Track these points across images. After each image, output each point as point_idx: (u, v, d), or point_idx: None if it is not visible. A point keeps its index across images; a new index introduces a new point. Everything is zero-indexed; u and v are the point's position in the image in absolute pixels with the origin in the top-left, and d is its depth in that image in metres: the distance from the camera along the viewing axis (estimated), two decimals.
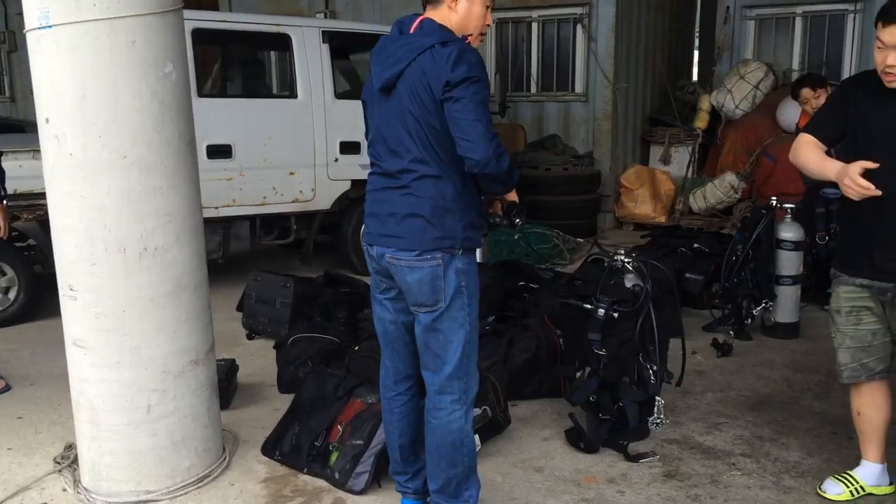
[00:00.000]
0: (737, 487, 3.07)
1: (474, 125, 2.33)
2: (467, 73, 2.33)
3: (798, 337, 4.89)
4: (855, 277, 2.80)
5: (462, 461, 2.61)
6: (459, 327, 2.52)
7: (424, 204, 2.46)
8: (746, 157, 8.15)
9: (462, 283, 2.50)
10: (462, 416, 2.58)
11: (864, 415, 2.95)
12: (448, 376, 2.55)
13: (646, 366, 3.28)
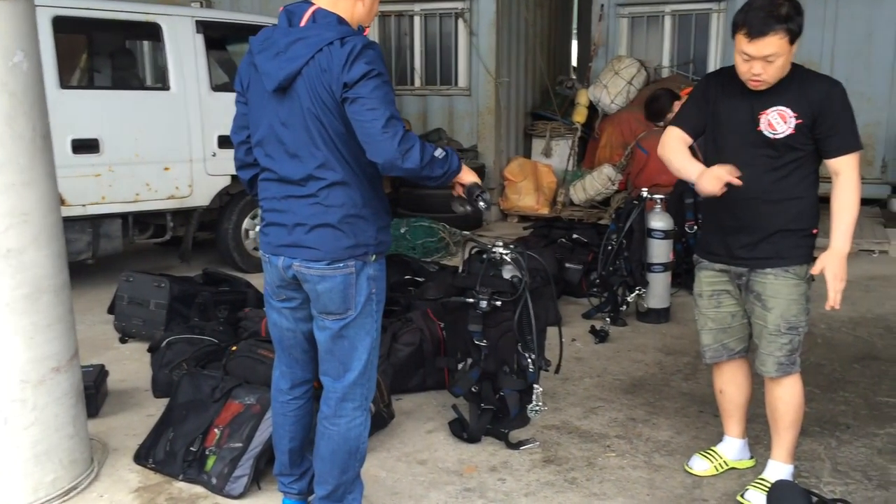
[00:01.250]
0: (611, 468, 3.20)
1: (373, 125, 2.19)
2: (364, 69, 2.20)
3: (669, 321, 5.14)
4: (714, 263, 2.96)
5: (354, 467, 2.58)
6: (367, 335, 2.48)
7: (335, 213, 2.35)
8: (622, 150, 8.46)
9: (372, 289, 2.45)
10: (362, 423, 2.55)
11: (726, 393, 3.13)
12: (351, 384, 2.50)
13: (525, 355, 3.36)
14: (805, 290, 2.80)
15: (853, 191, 2.66)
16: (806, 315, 2.82)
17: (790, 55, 2.62)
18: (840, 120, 2.67)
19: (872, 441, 3.41)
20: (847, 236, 2.66)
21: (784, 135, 2.69)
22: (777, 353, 2.82)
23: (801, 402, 2.91)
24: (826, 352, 4.51)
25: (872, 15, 8.21)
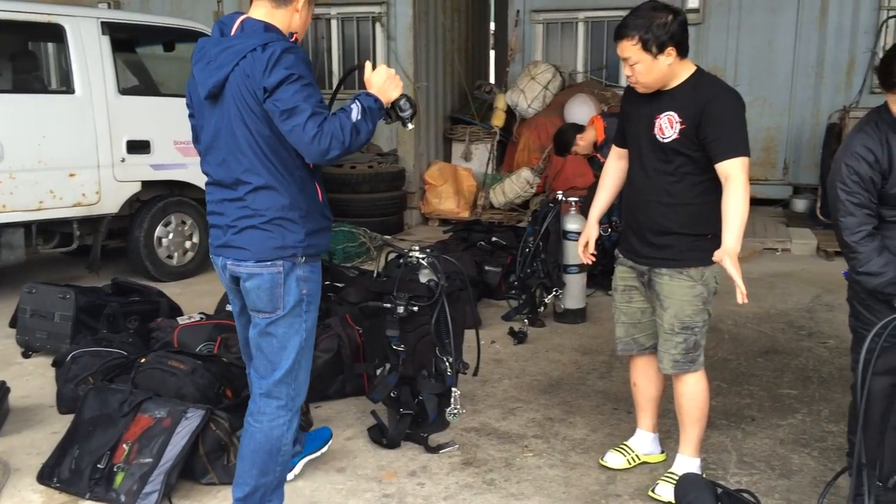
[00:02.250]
0: (529, 468, 3.24)
1: (295, 132, 2.28)
2: (283, 75, 2.27)
3: (586, 321, 5.25)
4: (626, 260, 3.06)
5: (274, 470, 2.59)
6: (295, 334, 2.52)
7: (261, 216, 2.43)
8: (539, 154, 8.61)
9: (303, 290, 2.49)
10: (285, 424, 2.57)
11: (639, 386, 3.23)
12: (277, 381, 2.54)
13: (442, 358, 3.37)
14: (701, 291, 2.87)
15: (741, 193, 2.70)
16: (702, 316, 2.90)
17: (655, 63, 2.72)
18: (725, 125, 2.72)
19: (775, 432, 3.57)
20: (737, 236, 2.70)
21: (671, 139, 2.79)
22: (672, 351, 2.92)
23: (705, 398, 3.01)
24: (732, 347, 4.70)
25: (772, 23, 8.61)
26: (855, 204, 2.64)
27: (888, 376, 2.46)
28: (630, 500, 3.00)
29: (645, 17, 2.71)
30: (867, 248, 2.63)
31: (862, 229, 2.64)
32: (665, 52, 2.71)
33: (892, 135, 2.61)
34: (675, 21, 2.73)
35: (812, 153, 8.46)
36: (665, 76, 2.78)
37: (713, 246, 2.78)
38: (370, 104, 2.41)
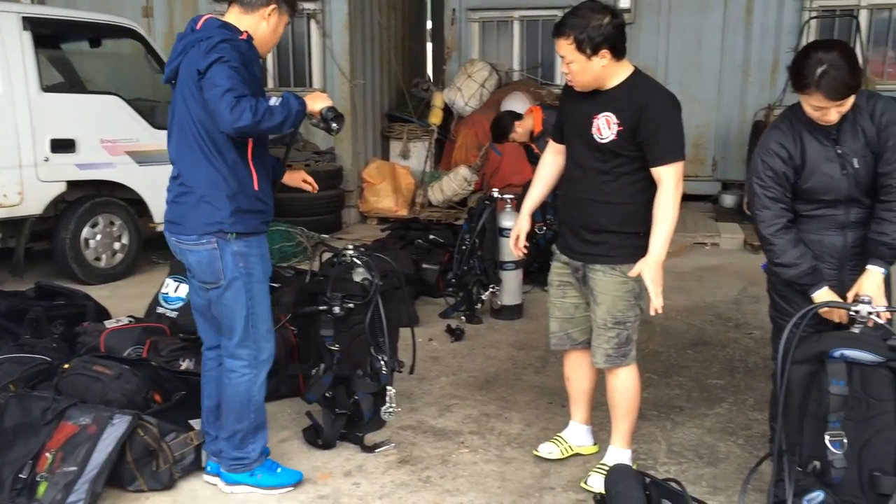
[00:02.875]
0: (464, 464, 3.26)
1: (213, 100, 2.57)
2: (214, 57, 2.58)
3: (522, 317, 5.31)
4: (561, 255, 3.11)
5: (248, 417, 2.93)
6: (241, 304, 2.82)
7: (192, 192, 2.74)
8: (477, 152, 8.67)
9: (240, 264, 2.77)
10: (250, 379, 2.91)
11: (572, 380, 3.28)
12: (236, 345, 2.87)
13: (378, 357, 3.36)
14: (633, 287, 2.93)
15: (672, 201, 2.79)
16: (634, 311, 2.98)
17: (589, 63, 2.76)
18: (661, 130, 2.78)
19: (703, 421, 3.67)
20: (663, 245, 2.79)
21: (608, 140, 2.83)
22: (605, 345, 2.98)
23: (636, 391, 3.08)
24: (663, 339, 4.81)
25: (700, 23, 8.84)
26: (770, 198, 2.74)
27: (806, 365, 2.55)
28: (563, 492, 3.04)
29: (582, 18, 2.75)
30: (782, 241, 2.72)
31: (776, 222, 2.74)
32: (599, 54, 2.75)
33: (805, 132, 2.71)
34: (610, 23, 2.76)
35: (739, 150, 8.72)
36: (599, 77, 2.82)
37: (645, 243, 2.85)
38: (292, 100, 2.69)
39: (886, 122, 2.62)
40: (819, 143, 2.69)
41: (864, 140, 2.66)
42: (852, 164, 2.67)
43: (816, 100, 2.57)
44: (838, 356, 2.50)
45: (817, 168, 2.69)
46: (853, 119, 2.65)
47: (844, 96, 2.56)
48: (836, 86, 2.52)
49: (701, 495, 2.96)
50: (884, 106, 2.65)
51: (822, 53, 2.55)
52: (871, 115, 2.65)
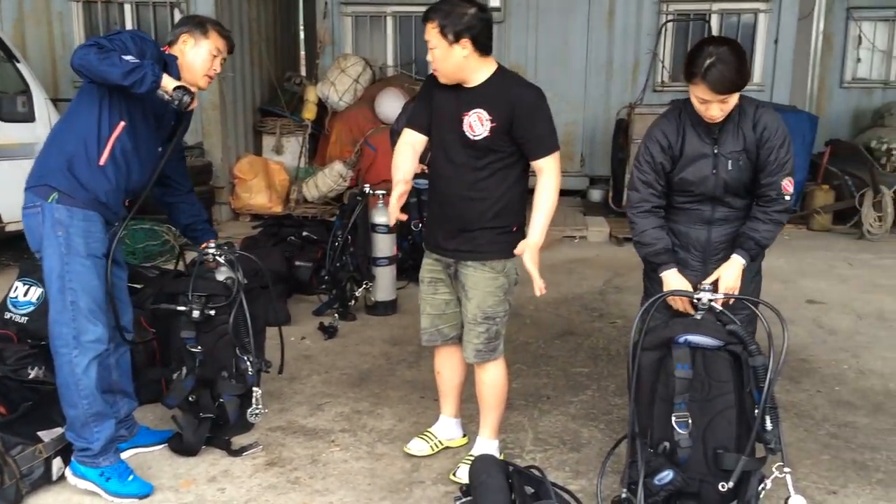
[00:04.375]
0: (335, 463, 3.24)
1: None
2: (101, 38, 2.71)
3: (396, 312, 5.32)
4: (431, 252, 3.13)
5: (80, 404, 2.82)
6: (57, 274, 2.75)
7: (45, 148, 2.87)
8: (352, 147, 8.60)
9: (59, 232, 2.73)
10: (71, 361, 2.79)
11: (442, 374, 3.32)
12: (53, 320, 2.80)
13: (243, 358, 3.28)
14: (503, 283, 3.00)
15: (551, 191, 2.88)
16: (503, 307, 3.04)
17: (451, 51, 2.78)
18: (537, 123, 2.86)
19: (568, 409, 3.81)
20: (541, 232, 2.89)
21: (481, 137, 2.86)
22: (475, 340, 3.04)
23: (504, 384, 3.16)
24: (533, 331, 4.95)
25: (566, 24, 9.14)
26: (642, 181, 2.91)
27: (654, 351, 2.69)
28: (433, 485, 3.08)
29: (449, 5, 2.79)
30: (645, 221, 2.90)
31: (643, 204, 2.91)
32: (460, 43, 2.78)
33: (689, 126, 2.86)
34: (475, 15, 2.79)
35: (605, 146, 9.08)
36: (461, 68, 2.84)
37: (517, 238, 2.94)
38: (149, 67, 2.65)
39: (766, 137, 2.77)
40: (700, 138, 2.84)
41: (742, 145, 2.81)
42: (725, 166, 2.82)
43: (702, 91, 2.71)
44: (683, 342, 2.65)
45: (691, 162, 2.85)
46: (737, 122, 2.80)
47: (728, 91, 2.68)
48: (720, 79, 2.65)
49: (564, 480, 3.08)
50: (767, 120, 2.79)
51: (714, 47, 2.69)
52: (754, 125, 2.80)
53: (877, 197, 7.32)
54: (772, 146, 2.78)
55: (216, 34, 2.99)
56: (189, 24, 3.01)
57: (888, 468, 3.21)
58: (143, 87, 2.64)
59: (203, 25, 2.99)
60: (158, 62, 2.79)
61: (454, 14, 2.77)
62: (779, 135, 2.79)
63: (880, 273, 6.30)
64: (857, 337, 4.81)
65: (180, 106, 2.74)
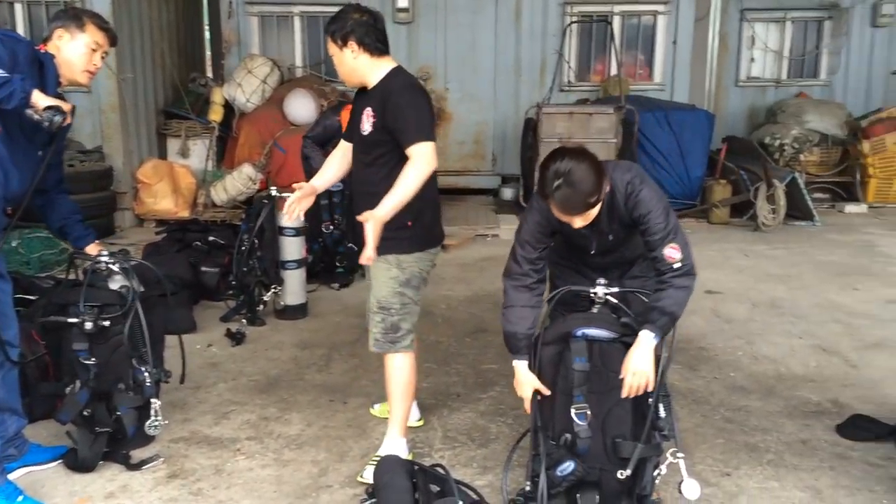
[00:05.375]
0: (240, 472, 3.17)
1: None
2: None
3: (307, 316, 5.25)
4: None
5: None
6: None
7: None
8: (261, 149, 8.45)
9: None
10: None
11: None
12: None
13: (140, 369, 3.17)
14: (396, 275, 3.06)
15: (411, 176, 2.84)
16: (398, 299, 3.07)
17: (342, 55, 2.94)
18: (404, 115, 2.90)
19: (477, 405, 3.84)
20: (389, 207, 2.82)
21: (367, 133, 3.00)
22: (373, 329, 3.12)
23: (407, 380, 3.17)
24: (445, 329, 4.98)
25: (474, 24, 9.23)
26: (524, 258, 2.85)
27: (554, 346, 2.76)
28: (340, 488, 3.05)
29: (339, 14, 2.97)
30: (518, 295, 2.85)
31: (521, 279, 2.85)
32: (348, 46, 2.92)
33: None
34: (358, 20, 2.93)
35: (516, 145, 9.19)
36: (355, 70, 2.97)
37: (413, 233, 3.01)
38: (17, 82, 2.52)
39: (640, 214, 2.69)
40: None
41: (617, 223, 2.78)
42: (606, 238, 2.83)
43: (555, 210, 2.62)
44: (580, 335, 2.72)
45: (570, 235, 2.82)
46: (609, 203, 2.72)
47: (580, 212, 2.60)
48: (568, 204, 2.56)
49: (472, 476, 3.12)
50: (640, 198, 2.68)
51: (563, 163, 2.54)
52: (625, 202, 2.71)
53: (770, 190, 7.68)
54: (646, 224, 2.68)
55: (94, 27, 2.89)
56: (63, 17, 2.88)
57: (778, 449, 3.37)
58: (11, 104, 2.53)
59: (79, 18, 2.87)
60: (33, 63, 2.67)
61: (339, 20, 2.95)
62: (654, 213, 2.67)
63: (773, 263, 6.61)
64: (752, 324, 5.04)
65: (51, 127, 2.61)
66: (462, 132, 9.32)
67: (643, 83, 9.41)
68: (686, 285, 2.68)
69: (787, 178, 7.89)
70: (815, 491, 3.04)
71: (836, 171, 9.23)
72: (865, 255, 6.82)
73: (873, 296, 5.63)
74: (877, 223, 8.21)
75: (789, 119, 9.11)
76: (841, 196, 9.21)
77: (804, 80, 10.23)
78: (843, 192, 9.23)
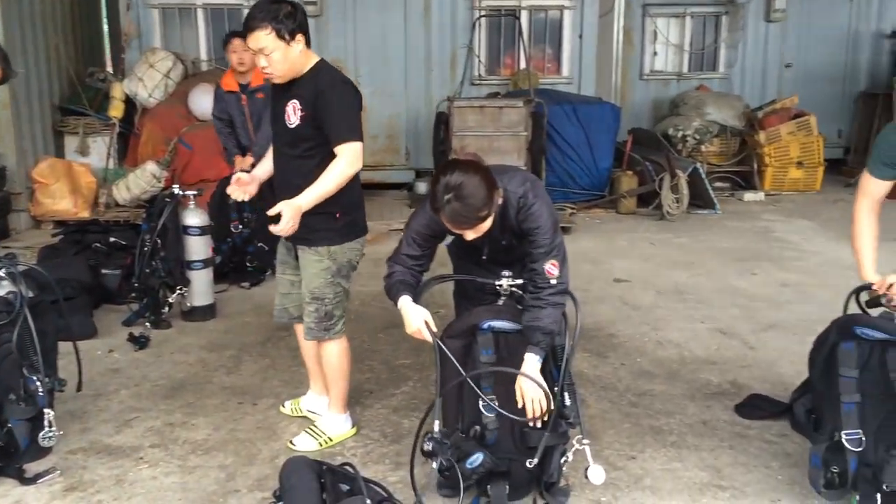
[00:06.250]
0: (142, 481, 3.06)
1: None
2: None
3: (215, 317, 5.11)
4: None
5: None
6: None
7: None
8: (165, 146, 8.17)
9: None
10: None
11: (302, 350, 3.56)
12: None
13: (32, 378, 3.02)
14: (328, 266, 3.15)
15: (335, 171, 2.94)
16: (332, 289, 3.18)
17: (287, 51, 2.92)
18: (332, 114, 2.95)
19: (390, 401, 3.83)
20: (312, 199, 2.94)
21: (295, 125, 3.01)
22: (307, 319, 3.22)
23: (343, 362, 3.36)
24: (357, 325, 4.92)
25: (384, 18, 9.17)
26: (407, 255, 2.97)
27: (460, 339, 2.77)
28: (249, 493, 2.99)
29: (270, 8, 2.90)
30: (399, 269, 2.95)
31: (401, 265, 2.95)
32: (296, 39, 2.94)
33: None
34: (296, 11, 2.96)
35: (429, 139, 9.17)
36: (296, 63, 2.98)
37: (342, 224, 3.14)
38: None
39: (528, 228, 2.74)
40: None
41: (509, 232, 2.82)
42: (499, 242, 2.86)
43: (445, 223, 2.63)
44: (486, 328, 2.74)
45: (463, 240, 2.82)
46: (502, 214, 2.74)
47: (470, 227, 2.61)
48: (459, 219, 2.58)
49: (384, 473, 3.11)
50: (530, 212, 2.72)
51: (452, 178, 2.53)
52: (516, 214, 2.74)
53: (674, 180, 7.94)
54: (534, 237, 2.71)
55: None
56: None
57: (680, 430, 3.49)
58: None
59: None
60: None
61: (282, 14, 2.90)
62: (543, 228, 2.71)
63: (678, 250, 6.84)
64: (657, 311, 5.20)
65: None
66: (375, 126, 9.25)
67: (552, 77, 9.56)
68: (561, 303, 2.75)
69: (689, 168, 8.16)
70: (714, 470, 3.16)
71: (735, 160, 9.60)
72: (763, 241, 7.13)
73: (770, 279, 5.89)
74: (773, 210, 8.60)
75: (691, 111, 9.43)
76: (740, 185, 9.60)
77: (704, 73, 10.59)
78: (741, 180, 9.61)
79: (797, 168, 9.34)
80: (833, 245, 6.79)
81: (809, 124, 9.35)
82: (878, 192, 2.82)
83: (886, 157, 2.75)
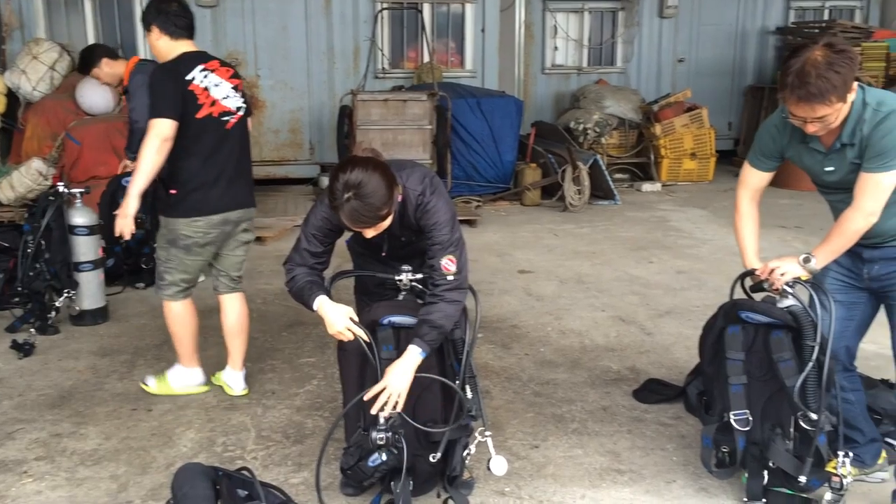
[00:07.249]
0: (26, 497, 2.89)
1: None
2: None
3: (108, 320, 4.88)
4: None
5: None
6: None
7: None
8: (52, 142, 7.72)
9: None
10: None
11: None
12: None
13: None
14: (164, 234, 3.56)
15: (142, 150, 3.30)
16: (163, 252, 3.57)
17: (150, 37, 3.44)
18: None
19: (293, 401, 3.75)
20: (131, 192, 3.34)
21: None
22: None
23: (173, 324, 3.69)
24: (259, 324, 4.80)
25: (284, 9, 8.95)
26: (307, 251, 2.92)
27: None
28: (142, 503, 2.86)
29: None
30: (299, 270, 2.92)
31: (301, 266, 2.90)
32: (152, 31, 3.40)
33: None
34: (150, 5, 3.40)
35: (333, 133, 9.04)
36: (159, 52, 3.45)
37: (175, 200, 3.47)
38: None
39: (426, 224, 2.70)
40: None
41: (408, 229, 2.77)
42: (399, 239, 2.84)
43: (345, 220, 2.56)
44: (386, 323, 2.71)
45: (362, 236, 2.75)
46: (401, 212, 2.70)
47: (370, 225, 2.56)
48: (359, 217, 2.52)
49: (286, 475, 3.04)
50: (428, 208, 2.70)
51: (352, 176, 2.47)
52: (414, 211, 2.72)
53: (575, 172, 8.10)
54: (431, 233, 2.69)
55: None
56: None
57: (582, 417, 3.56)
58: None
59: None
60: None
61: (147, 8, 3.44)
62: (440, 224, 2.68)
63: (580, 241, 6.98)
64: (560, 300, 5.29)
65: None
66: (277, 121, 9.05)
67: (455, 70, 9.58)
68: (457, 299, 2.68)
69: (589, 160, 8.35)
70: (614, 454, 3.24)
71: (634, 152, 9.90)
72: (659, 230, 7.37)
73: (666, 267, 6.09)
74: (669, 200, 8.90)
75: (590, 105, 9.64)
76: (638, 176, 9.90)
77: (603, 67, 10.86)
78: (640, 171, 9.92)
79: (691, 159, 9.71)
80: (724, 232, 7.08)
81: (702, 117, 9.73)
82: (758, 184, 2.93)
83: (766, 149, 2.86)
